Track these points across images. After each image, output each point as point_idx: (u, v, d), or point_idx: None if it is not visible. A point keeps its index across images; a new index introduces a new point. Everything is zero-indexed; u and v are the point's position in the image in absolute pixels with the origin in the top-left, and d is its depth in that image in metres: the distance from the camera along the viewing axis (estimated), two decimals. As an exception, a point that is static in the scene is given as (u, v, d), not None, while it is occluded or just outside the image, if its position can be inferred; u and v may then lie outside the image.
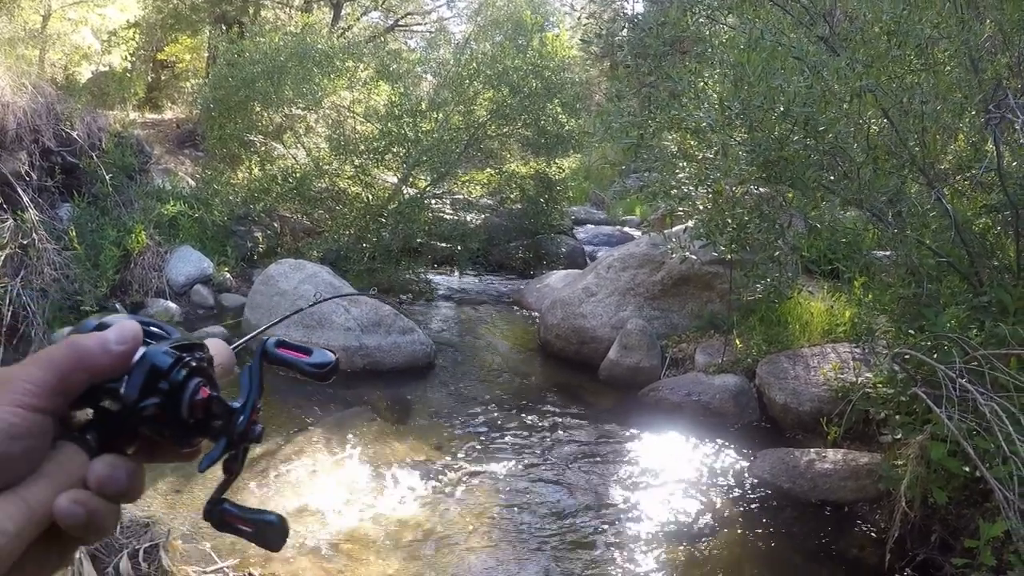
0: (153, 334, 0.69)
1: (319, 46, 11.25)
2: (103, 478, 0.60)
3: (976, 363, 3.45)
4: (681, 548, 4.52)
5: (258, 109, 11.14)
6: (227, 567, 3.89)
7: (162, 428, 0.65)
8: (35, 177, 8.12)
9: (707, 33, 6.38)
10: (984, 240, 4.36)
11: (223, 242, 9.97)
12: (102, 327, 0.65)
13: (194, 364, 0.67)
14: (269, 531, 0.68)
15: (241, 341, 0.88)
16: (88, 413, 0.65)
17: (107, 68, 11.38)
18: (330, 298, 3.14)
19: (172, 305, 8.53)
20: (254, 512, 0.68)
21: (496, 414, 6.36)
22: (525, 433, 6.04)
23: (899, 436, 4.38)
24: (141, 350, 0.64)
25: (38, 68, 9.73)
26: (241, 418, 0.70)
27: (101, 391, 0.63)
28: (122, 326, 0.65)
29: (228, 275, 9.57)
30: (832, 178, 5.05)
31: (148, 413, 0.63)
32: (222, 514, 0.68)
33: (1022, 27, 3.56)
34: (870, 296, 5.44)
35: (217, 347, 0.78)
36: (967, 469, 3.64)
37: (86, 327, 0.66)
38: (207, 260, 9.34)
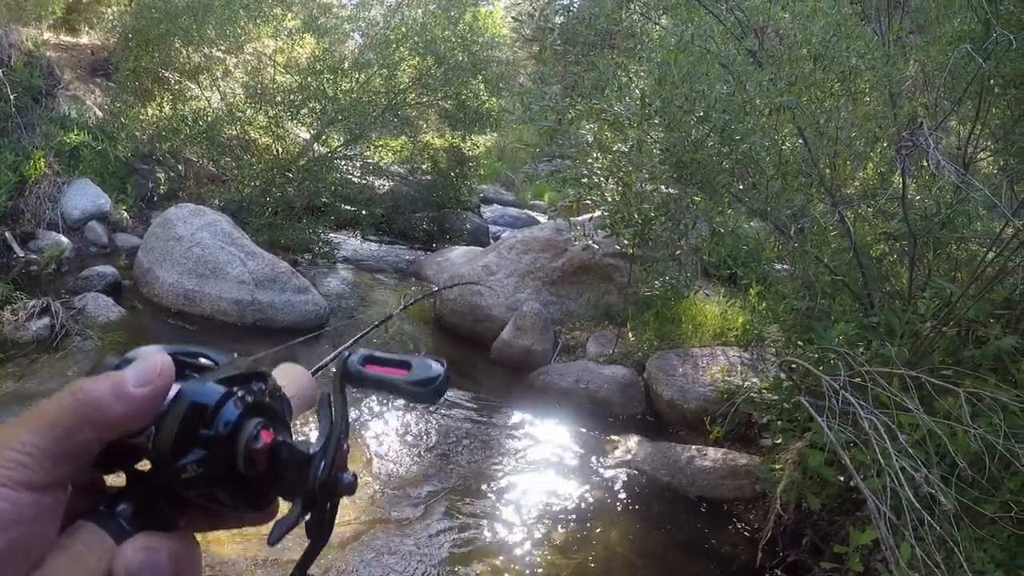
0: (195, 366, 0.54)
1: (249, -12, 10.86)
2: (134, 568, 0.45)
3: (860, 378, 3.63)
4: (556, 534, 4.58)
5: (177, 45, 10.65)
6: None
7: (213, 491, 0.50)
8: (-67, 88, 7.60)
9: (639, 30, 6.47)
10: (879, 265, 4.58)
11: (124, 179, 9.57)
12: (125, 364, 0.50)
13: (250, 399, 0.52)
14: None
15: (323, 363, 0.72)
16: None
17: (27, -19, 10.70)
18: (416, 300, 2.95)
19: (64, 239, 8.13)
20: None
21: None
22: (408, 408, 5.95)
23: (779, 441, 4.56)
24: (176, 387, 0.49)
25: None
26: (321, 465, 0.53)
27: (131, 448, 0.49)
28: (145, 360, 0.49)
29: (125, 214, 9.21)
30: (741, 187, 5.21)
31: (188, 474, 0.48)
32: None
33: (943, 70, 3.74)
34: (764, 304, 5.65)
35: (292, 373, 0.64)
36: (842, 478, 3.84)
37: (107, 366, 0.51)
38: (105, 196, 8.93)
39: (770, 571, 4.25)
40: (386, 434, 5.52)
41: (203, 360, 0.55)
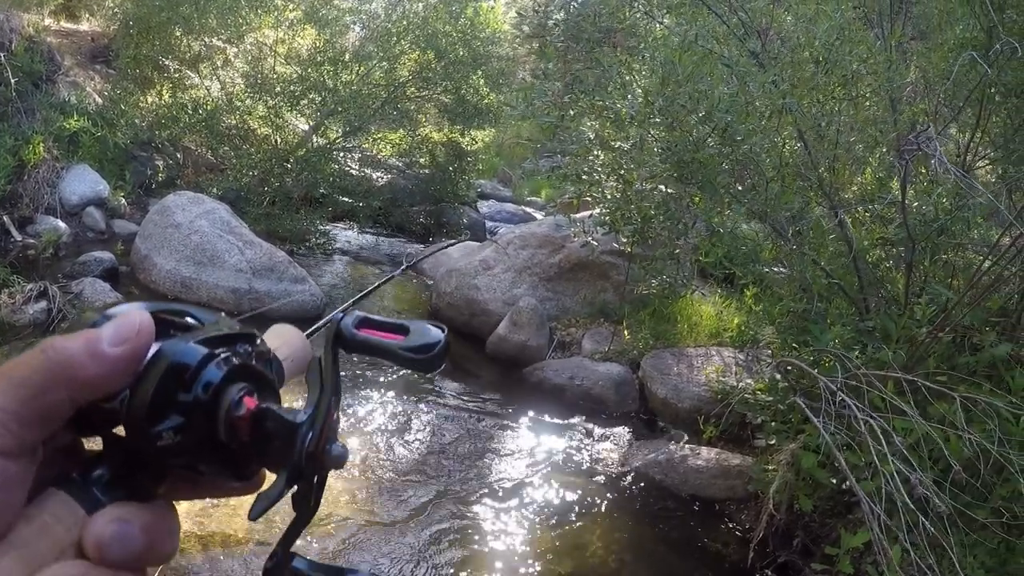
0: (179, 325, 0.50)
1: (252, -22, 10.88)
2: (104, 541, 0.42)
3: (856, 381, 3.64)
4: (547, 530, 4.60)
5: (178, 34, 10.68)
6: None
7: (193, 460, 0.46)
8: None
9: (642, 29, 6.47)
10: (876, 270, 4.59)
11: (122, 166, 9.58)
12: (105, 321, 0.46)
13: (235, 361, 0.48)
14: None
15: (318, 324, 0.64)
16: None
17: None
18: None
19: (61, 224, 8.16)
20: (335, 571, 0.50)
21: (375, 378, 6.26)
22: (402, 401, 5.98)
23: (773, 442, 4.56)
24: (155, 346, 0.45)
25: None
26: (309, 435, 0.48)
27: (105, 412, 0.45)
28: (122, 318, 0.45)
29: (123, 201, 9.23)
30: (740, 188, 5.21)
31: (165, 443, 0.44)
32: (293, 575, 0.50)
33: (946, 77, 3.75)
34: (760, 306, 5.65)
35: (285, 335, 0.61)
36: (834, 480, 3.86)
37: (85, 323, 0.46)
38: (104, 182, 8.95)
39: (761, 571, 4.27)
40: (377, 429, 5.51)
41: (188, 319, 0.51)
